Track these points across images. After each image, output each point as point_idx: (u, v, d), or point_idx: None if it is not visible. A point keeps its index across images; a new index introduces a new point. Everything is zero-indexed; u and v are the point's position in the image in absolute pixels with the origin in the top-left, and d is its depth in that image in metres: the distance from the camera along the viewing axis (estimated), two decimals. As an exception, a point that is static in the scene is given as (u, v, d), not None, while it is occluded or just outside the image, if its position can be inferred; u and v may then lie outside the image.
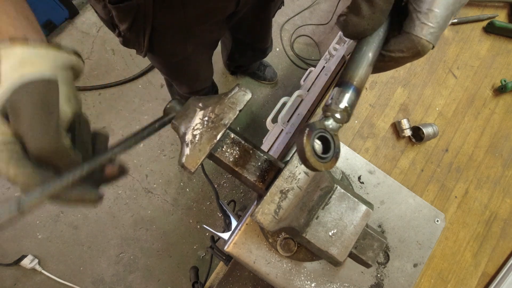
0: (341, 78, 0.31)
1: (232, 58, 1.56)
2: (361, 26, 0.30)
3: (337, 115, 0.29)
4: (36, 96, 0.28)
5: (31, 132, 0.27)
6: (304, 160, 0.26)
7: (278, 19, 2.03)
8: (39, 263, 1.55)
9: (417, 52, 0.30)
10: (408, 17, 0.30)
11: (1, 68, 0.29)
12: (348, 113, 0.30)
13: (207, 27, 0.78)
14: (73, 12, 1.83)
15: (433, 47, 0.30)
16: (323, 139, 0.28)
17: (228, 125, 0.38)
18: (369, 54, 0.31)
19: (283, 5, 1.12)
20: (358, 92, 0.30)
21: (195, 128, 0.37)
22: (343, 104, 0.29)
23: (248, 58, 1.57)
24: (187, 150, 0.37)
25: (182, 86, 1.19)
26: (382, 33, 0.31)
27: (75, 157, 0.30)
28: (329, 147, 0.28)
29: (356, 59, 0.31)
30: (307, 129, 0.26)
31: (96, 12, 0.71)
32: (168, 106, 0.40)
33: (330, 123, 0.29)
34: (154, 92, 1.83)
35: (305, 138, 0.26)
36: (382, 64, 0.33)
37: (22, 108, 0.28)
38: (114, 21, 0.68)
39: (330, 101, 0.30)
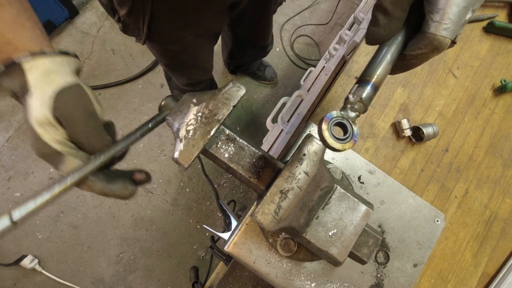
0: (360, 76, 0.36)
1: (233, 56, 1.55)
2: (379, 33, 0.35)
3: (355, 106, 0.34)
4: (78, 102, 0.34)
5: (85, 138, 0.35)
6: (323, 141, 0.32)
7: (278, 19, 2.03)
8: (39, 263, 1.55)
9: (435, 47, 0.32)
10: (424, 19, 0.32)
11: (28, 79, 0.33)
12: (364, 104, 0.34)
13: (207, 16, 0.78)
14: (73, 12, 1.83)
15: (454, 42, 0.33)
16: (342, 126, 0.33)
17: (222, 120, 0.38)
18: (387, 55, 0.35)
19: (285, 1, 1.11)
20: (375, 88, 0.35)
21: (189, 123, 0.37)
22: (359, 96, 0.34)
23: (248, 56, 1.56)
24: (180, 146, 0.37)
25: (180, 77, 1.18)
26: (401, 37, 0.35)
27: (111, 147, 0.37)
28: (347, 131, 0.32)
29: (375, 60, 0.35)
30: (326, 116, 0.32)
31: None
32: (162, 103, 0.40)
33: (348, 112, 0.34)
34: (154, 92, 1.83)
35: (323, 123, 0.32)
36: (405, 63, 0.36)
37: (71, 116, 0.34)
38: (114, 5, 0.68)
39: (349, 95, 0.35)
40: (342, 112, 0.33)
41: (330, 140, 0.31)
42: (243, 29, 1.21)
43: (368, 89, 0.34)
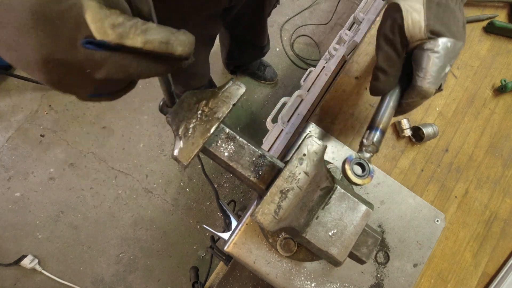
0: (370, 123, 0.46)
1: (231, 57, 1.56)
2: (380, 87, 0.44)
3: (368, 148, 0.43)
4: None
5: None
6: (347, 178, 0.40)
7: (278, 19, 2.03)
8: (39, 263, 1.55)
9: (422, 96, 0.42)
10: (413, 75, 0.42)
11: None
12: (376, 146, 0.43)
13: (202, 20, 0.79)
14: (73, 12, 1.83)
15: (439, 89, 0.42)
16: (361, 165, 0.41)
17: (222, 118, 0.38)
18: (390, 104, 0.45)
19: (279, 4, 1.12)
20: (383, 132, 0.45)
21: (189, 121, 0.38)
22: (371, 140, 0.43)
23: (247, 56, 1.57)
24: (180, 143, 0.37)
25: (177, 86, 1.19)
26: (398, 89, 0.45)
27: None
28: (365, 169, 0.40)
29: (380, 110, 0.45)
30: (347, 158, 0.40)
31: None
32: (162, 102, 0.40)
33: (364, 154, 0.43)
34: (154, 92, 1.83)
35: (346, 164, 0.40)
36: (402, 109, 0.46)
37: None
38: None
39: (363, 140, 0.44)
40: (359, 154, 0.42)
41: (353, 177, 0.39)
42: (241, 30, 1.22)
43: (377, 134, 0.44)
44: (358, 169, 0.40)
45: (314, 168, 0.39)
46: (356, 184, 0.39)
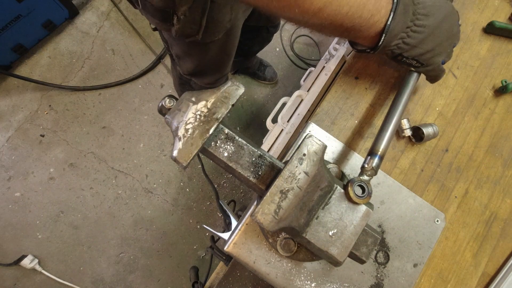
0: (371, 149, 0.51)
1: (239, 53, 1.52)
2: None
3: (368, 172, 0.47)
4: None
5: None
6: (349, 199, 0.42)
7: (278, 19, 2.03)
8: (39, 263, 1.55)
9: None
10: None
11: None
12: (374, 170, 0.48)
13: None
14: (73, 12, 1.83)
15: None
16: (361, 186, 0.44)
17: (221, 119, 0.38)
18: (388, 132, 0.51)
19: None
20: (381, 158, 0.49)
21: (188, 122, 0.38)
22: (371, 165, 0.48)
23: (257, 44, 1.55)
24: (179, 144, 0.37)
25: (209, 76, 1.14)
26: (396, 118, 0.52)
27: None
28: (365, 190, 0.43)
29: (380, 137, 0.51)
30: (351, 181, 0.44)
31: (148, 2, 0.69)
32: (160, 104, 0.40)
33: (364, 177, 0.47)
34: (154, 92, 1.83)
35: (349, 186, 0.43)
36: None
37: None
38: (174, 5, 0.67)
39: (364, 164, 0.48)
40: (360, 177, 0.46)
41: (355, 198, 0.42)
42: (256, 18, 1.19)
43: (376, 160, 0.48)
44: (359, 190, 0.43)
45: (314, 168, 0.39)
46: (357, 204, 0.43)
